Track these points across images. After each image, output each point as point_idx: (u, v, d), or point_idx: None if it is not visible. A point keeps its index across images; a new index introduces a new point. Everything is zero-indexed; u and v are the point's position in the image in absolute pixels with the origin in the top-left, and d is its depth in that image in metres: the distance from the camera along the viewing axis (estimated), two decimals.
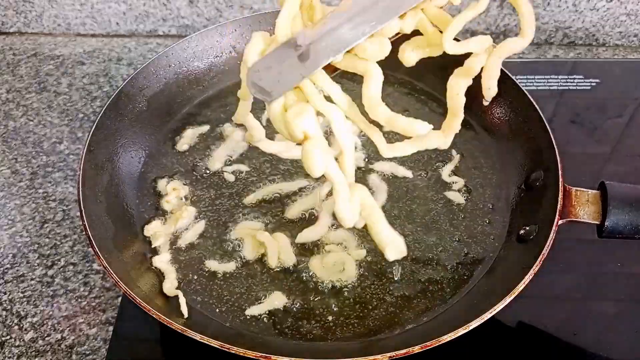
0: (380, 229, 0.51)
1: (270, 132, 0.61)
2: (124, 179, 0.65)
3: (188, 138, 0.71)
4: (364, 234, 0.61)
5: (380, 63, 0.48)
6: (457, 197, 0.65)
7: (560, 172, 0.58)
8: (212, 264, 0.59)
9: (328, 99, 0.49)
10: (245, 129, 0.62)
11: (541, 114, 0.64)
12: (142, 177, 0.67)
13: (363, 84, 0.47)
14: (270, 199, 0.65)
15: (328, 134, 0.50)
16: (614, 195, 0.55)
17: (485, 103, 0.53)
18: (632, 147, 0.78)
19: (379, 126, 0.50)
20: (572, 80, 0.86)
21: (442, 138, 0.52)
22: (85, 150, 0.61)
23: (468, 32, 0.95)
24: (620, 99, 0.84)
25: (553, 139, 0.61)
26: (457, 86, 0.50)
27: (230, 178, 0.67)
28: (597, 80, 0.86)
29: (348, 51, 0.47)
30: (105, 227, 0.58)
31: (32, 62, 0.95)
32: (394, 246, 0.52)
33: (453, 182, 0.66)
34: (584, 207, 0.56)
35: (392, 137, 0.57)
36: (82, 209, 0.56)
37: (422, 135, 0.49)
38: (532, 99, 0.66)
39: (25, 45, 0.98)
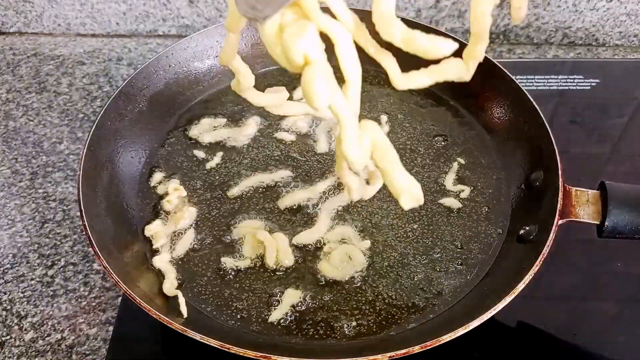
0: (396, 173, 0.45)
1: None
2: (124, 179, 0.65)
3: (202, 126, 0.73)
4: (364, 227, 0.61)
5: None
6: (454, 203, 0.64)
7: (560, 172, 0.58)
8: (224, 261, 0.60)
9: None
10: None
11: (541, 114, 0.64)
12: (142, 177, 0.67)
13: None
14: (258, 190, 0.65)
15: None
16: (614, 195, 0.55)
17: (515, 23, 0.46)
18: (632, 147, 0.78)
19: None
20: (572, 80, 0.86)
21: (463, 67, 0.45)
22: (85, 150, 0.61)
23: (467, 33, 0.95)
24: (620, 99, 0.84)
25: (553, 139, 0.61)
26: (482, 4, 0.43)
27: (200, 154, 0.69)
28: (597, 80, 0.86)
29: None
30: (105, 227, 0.58)
31: (32, 62, 0.95)
32: (410, 193, 0.45)
33: (460, 191, 0.65)
34: (584, 207, 0.56)
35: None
36: (82, 209, 0.56)
37: (441, 63, 0.43)
38: (532, 99, 0.66)
39: (25, 45, 0.98)
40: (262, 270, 0.59)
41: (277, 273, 0.59)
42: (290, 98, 0.63)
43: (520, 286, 0.50)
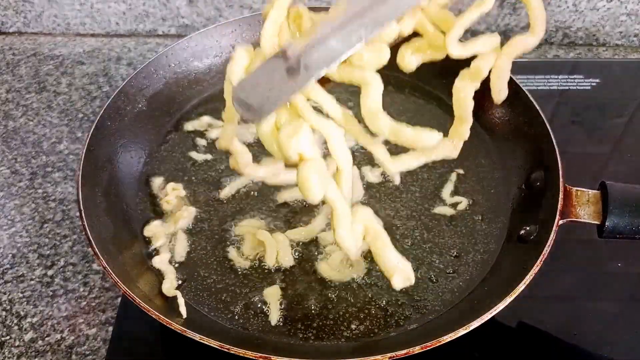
0: (387, 255, 0.47)
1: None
2: (124, 179, 0.65)
3: (199, 123, 0.73)
4: None
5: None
6: (454, 206, 0.64)
7: (560, 172, 0.58)
8: (223, 260, 0.60)
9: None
10: None
11: (541, 114, 0.64)
12: (142, 177, 0.67)
13: (361, 94, 0.43)
14: (257, 189, 0.65)
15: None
16: (615, 195, 0.55)
17: (497, 103, 0.48)
18: (632, 147, 0.78)
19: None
20: (572, 80, 0.86)
21: (450, 147, 0.48)
22: (85, 150, 0.61)
23: (468, 32, 0.95)
24: (620, 99, 0.84)
25: (553, 139, 0.61)
26: (464, 90, 0.46)
27: (200, 154, 0.69)
28: (597, 80, 0.86)
29: (343, 61, 0.42)
30: (105, 227, 0.58)
31: (32, 62, 0.94)
32: (401, 274, 0.48)
33: (457, 202, 0.64)
34: (585, 207, 0.56)
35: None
36: (82, 209, 0.56)
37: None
38: (532, 99, 0.66)
39: (25, 45, 0.98)
40: (262, 270, 0.59)
41: (277, 273, 0.58)
42: None
43: (521, 286, 0.50)
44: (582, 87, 0.85)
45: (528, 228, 0.59)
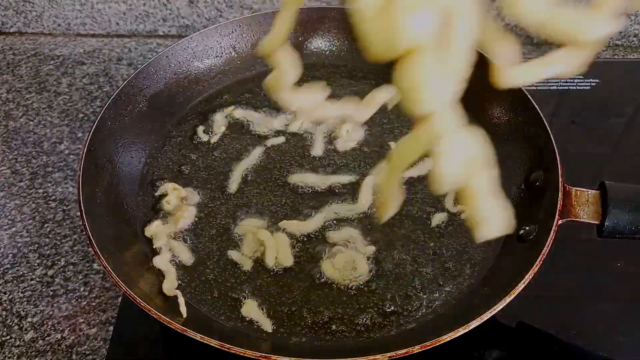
0: (484, 200, 0.37)
1: None
2: (124, 179, 0.65)
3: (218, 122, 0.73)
4: (368, 230, 0.61)
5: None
6: (454, 208, 0.64)
7: (560, 172, 0.58)
8: (224, 260, 0.60)
9: None
10: None
11: (541, 114, 0.64)
12: (143, 177, 0.67)
13: None
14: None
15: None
16: (614, 195, 0.55)
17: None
18: (632, 147, 0.78)
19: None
20: (572, 80, 0.86)
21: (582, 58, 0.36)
22: (85, 150, 0.61)
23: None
24: (620, 99, 0.84)
25: (553, 139, 0.61)
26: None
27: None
28: (597, 80, 0.86)
29: None
30: (105, 227, 0.58)
31: (32, 62, 0.95)
32: (497, 220, 0.38)
33: (459, 212, 0.63)
34: (584, 207, 0.56)
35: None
36: (82, 209, 0.56)
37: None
38: (532, 99, 0.66)
39: (26, 45, 0.98)
40: (262, 270, 0.59)
41: (277, 273, 0.59)
42: None
43: (520, 286, 0.50)
44: (581, 87, 0.86)
45: (528, 228, 0.59)
